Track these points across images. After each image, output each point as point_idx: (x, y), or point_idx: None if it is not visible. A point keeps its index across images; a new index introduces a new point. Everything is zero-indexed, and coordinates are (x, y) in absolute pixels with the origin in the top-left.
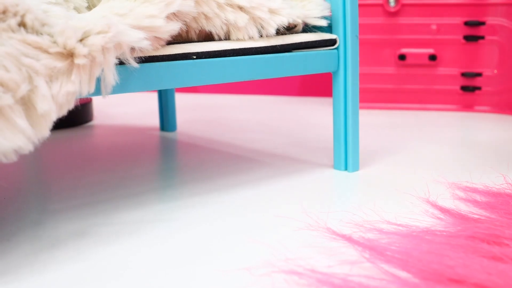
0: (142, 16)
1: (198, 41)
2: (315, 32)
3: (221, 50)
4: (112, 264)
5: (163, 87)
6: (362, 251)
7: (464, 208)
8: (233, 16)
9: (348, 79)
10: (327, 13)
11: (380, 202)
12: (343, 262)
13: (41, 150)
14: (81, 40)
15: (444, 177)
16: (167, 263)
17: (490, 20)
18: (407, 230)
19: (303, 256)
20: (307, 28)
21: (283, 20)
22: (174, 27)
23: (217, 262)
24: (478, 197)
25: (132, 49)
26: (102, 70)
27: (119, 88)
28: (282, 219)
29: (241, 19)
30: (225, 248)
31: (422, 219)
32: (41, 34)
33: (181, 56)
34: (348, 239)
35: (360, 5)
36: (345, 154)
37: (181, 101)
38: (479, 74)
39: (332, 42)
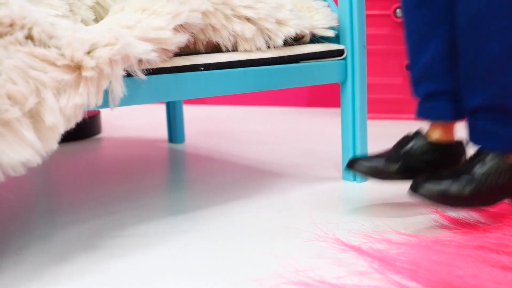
0: (150, 28)
1: (206, 52)
2: (322, 42)
3: (228, 62)
4: (124, 278)
5: (171, 99)
6: (371, 262)
7: (473, 217)
8: (240, 27)
9: (356, 90)
10: (334, 23)
11: (389, 213)
12: (353, 272)
13: (49, 163)
14: (88, 53)
15: None
16: (179, 275)
17: None
18: (416, 240)
19: (312, 267)
20: (315, 39)
21: (291, 31)
22: (182, 39)
23: (227, 274)
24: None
25: (140, 61)
26: (110, 82)
27: (127, 100)
28: (291, 230)
29: (248, 30)
30: (234, 260)
31: (431, 229)
32: (49, 46)
33: (189, 67)
34: (357, 249)
35: (367, 16)
36: None
37: (189, 112)
38: None
39: (339, 53)
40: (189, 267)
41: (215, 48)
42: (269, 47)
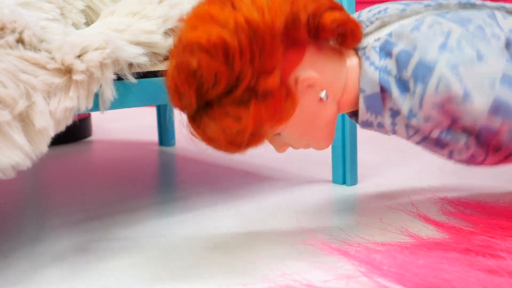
0: (140, 32)
1: None
2: None
3: None
4: (113, 281)
5: (161, 102)
6: (358, 265)
7: (459, 222)
8: None
9: None
10: None
11: (377, 216)
12: (340, 276)
13: (39, 166)
14: (79, 56)
15: (441, 191)
16: (168, 279)
17: None
18: (403, 244)
19: (300, 271)
20: None
21: None
22: (172, 43)
23: (215, 278)
24: (469, 211)
25: (130, 64)
26: (100, 86)
27: (118, 104)
28: (279, 233)
29: None
30: (222, 264)
31: (418, 233)
32: (39, 50)
33: None
34: (345, 253)
35: None
36: (343, 168)
37: (180, 115)
38: None
39: None
40: (178, 271)
41: None
42: None
